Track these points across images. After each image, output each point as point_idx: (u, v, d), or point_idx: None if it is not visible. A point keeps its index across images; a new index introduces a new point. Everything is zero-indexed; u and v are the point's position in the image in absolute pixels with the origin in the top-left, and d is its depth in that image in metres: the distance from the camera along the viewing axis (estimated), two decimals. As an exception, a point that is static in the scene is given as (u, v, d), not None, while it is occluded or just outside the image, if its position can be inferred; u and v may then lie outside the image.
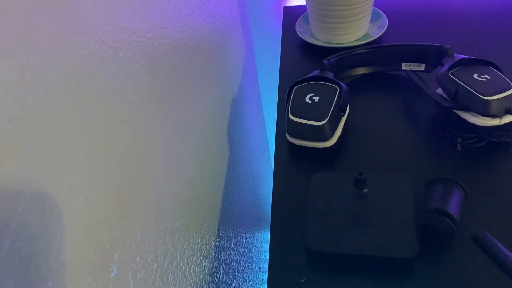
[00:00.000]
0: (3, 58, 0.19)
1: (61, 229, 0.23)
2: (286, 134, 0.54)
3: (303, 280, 0.40)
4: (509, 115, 0.48)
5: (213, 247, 0.55)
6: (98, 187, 0.27)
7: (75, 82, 0.25)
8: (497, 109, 0.47)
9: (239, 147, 0.79)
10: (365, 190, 0.44)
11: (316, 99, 0.53)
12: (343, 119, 0.54)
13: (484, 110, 0.48)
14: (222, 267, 0.59)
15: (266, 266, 0.98)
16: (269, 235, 0.47)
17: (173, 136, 0.42)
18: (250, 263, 0.81)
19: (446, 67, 0.53)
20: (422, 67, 0.62)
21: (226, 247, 0.63)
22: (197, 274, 0.47)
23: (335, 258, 0.40)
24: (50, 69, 0.22)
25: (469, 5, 0.79)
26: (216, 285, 0.55)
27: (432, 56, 0.60)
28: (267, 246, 1.06)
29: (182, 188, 0.44)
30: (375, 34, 0.73)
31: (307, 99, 0.53)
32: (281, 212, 0.47)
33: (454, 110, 0.52)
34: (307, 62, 0.72)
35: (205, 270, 0.51)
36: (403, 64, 0.63)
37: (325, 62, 0.59)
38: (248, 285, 0.76)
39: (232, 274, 0.65)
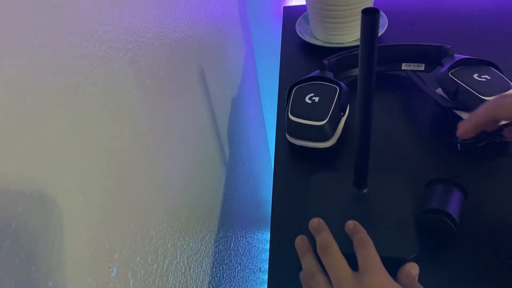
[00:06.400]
0: (3, 58, 0.19)
1: (61, 229, 0.23)
2: (286, 134, 0.54)
3: (303, 280, 0.40)
4: (509, 115, 0.48)
5: (213, 247, 0.55)
6: (98, 187, 0.27)
7: (75, 82, 0.25)
8: (497, 109, 0.47)
9: (239, 147, 0.79)
10: (365, 190, 0.44)
11: (316, 99, 0.53)
12: (343, 119, 0.54)
13: (484, 110, 0.48)
14: (222, 267, 0.59)
15: (266, 266, 0.98)
16: (269, 235, 0.47)
17: (172, 136, 0.42)
18: (250, 263, 0.81)
19: (446, 67, 0.53)
20: (422, 67, 0.62)
21: (226, 247, 0.63)
22: (197, 274, 0.47)
23: (335, 258, 0.40)
24: (50, 69, 0.22)
25: (469, 5, 0.79)
26: (216, 285, 0.55)
27: (432, 56, 0.60)
28: (267, 246, 1.06)
29: (182, 188, 0.44)
30: (375, 34, 0.73)
31: (307, 99, 0.53)
32: (281, 212, 0.47)
33: (454, 110, 0.52)
34: (307, 62, 0.72)
35: (205, 270, 0.51)
36: (403, 64, 0.63)
37: (325, 62, 0.59)
38: (248, 285, 0.76)
39: (232, 274, 0.65)
